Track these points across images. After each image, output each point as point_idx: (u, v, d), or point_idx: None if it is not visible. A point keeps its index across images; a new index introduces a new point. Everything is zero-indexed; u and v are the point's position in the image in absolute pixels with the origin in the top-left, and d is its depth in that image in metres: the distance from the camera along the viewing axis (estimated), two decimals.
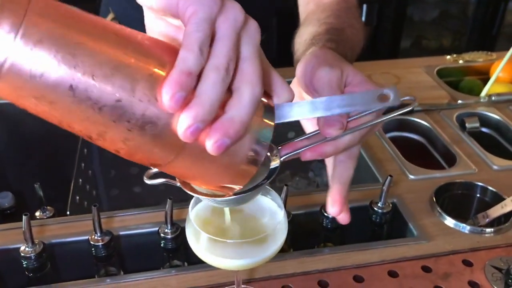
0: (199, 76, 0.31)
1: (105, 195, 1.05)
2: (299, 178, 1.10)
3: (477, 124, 0.97)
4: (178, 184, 0.41)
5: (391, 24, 2.49)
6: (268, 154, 0.43)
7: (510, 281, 0.65)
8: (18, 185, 1.05)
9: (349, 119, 0.45)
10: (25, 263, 0.66)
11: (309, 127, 0.52)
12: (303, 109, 0.41)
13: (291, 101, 0.40)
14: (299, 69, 0.51)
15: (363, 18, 2.59)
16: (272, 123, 0.38)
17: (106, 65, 0.30)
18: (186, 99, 0.31)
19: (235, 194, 0.40)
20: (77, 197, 0.86)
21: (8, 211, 0.97)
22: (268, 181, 0.42)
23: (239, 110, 0.33)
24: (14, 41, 0.27)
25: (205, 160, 0.35)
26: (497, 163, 0.87)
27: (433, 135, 0.97)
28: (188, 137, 0.31)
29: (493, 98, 1.05)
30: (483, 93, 1.08)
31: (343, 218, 0.49)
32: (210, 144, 0.32)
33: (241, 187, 0.40)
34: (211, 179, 0.39)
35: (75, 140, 0.95)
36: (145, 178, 0.44)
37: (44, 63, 0.28)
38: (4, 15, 0.26)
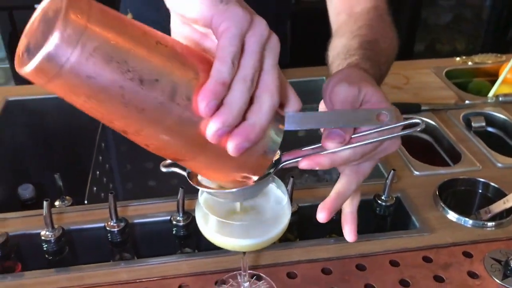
0: None
1: (121, 188, 1.09)
2: (308, 175, 1.12)
3: (483, 124, 0.99)
4: (189, 180, 0.45)
5: (405, 27, 2.51)
6: None
7: (508, 272, 0.67)
8: (39, 178, 1.10)
9: (354, 136, 0.46)
10: (45, 246, 0.70)
11: None
12: (309, 120, 0.44)
13: (299, 110, 0.43)
14: (325, 83, 0.52)
15: None
16: (282, 129, 0.42)
17: (153, 72, 0.33)
18: (218, 106, 0.35)
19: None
20: (95, 188, 0.90)
21: (29, 202, 1.02)
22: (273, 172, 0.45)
23: (260, 117, 0.37)
24: (76, 47, 0.30)
25: (223, 158, 0.39)
26: (502, 160, 0.89)
27: (439, 134, 0.99)
28: (214, 139, 0.35)
29: (500, 98, 1.07)
30: (490, 94, 1.10)
31: (350, 236, 0.52)
32: (232, 146, 0.36)
33: (254, 180, 0.43)
34: (226, 174, 0.42)
35: (93, 134, 0.99)
36: (161, 166, 0.48)
37: (99, 67, 0.31)
38: (69, 23, 0.29)
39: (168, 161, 0.48)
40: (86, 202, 0.84)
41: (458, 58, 1.28)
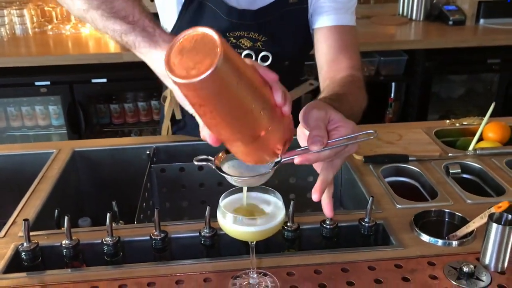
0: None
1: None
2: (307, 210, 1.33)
3: (459, 170, 1.19)
4: (214, 167, 0.69)
5: (417, 100, 2.75)
6: None
7: (461, 275, 0.85)
8: (95, 212, 1.34)
9: (329, 141, 0.71)
10: (105, 249, 0.93)
11: (303, 143, 0.78)
12: None
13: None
14: (300, 112, 0.77)
15: (392, 95, 2.87)
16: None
17: (252, 91, 0.60)
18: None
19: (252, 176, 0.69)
20: (142, 215, 1.14)
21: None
22: (274, 169, 0.71)
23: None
24: (217, 76, 0.53)
25: (260, 142, 0.65)
26: (471, 198, 1.08)
27: (423, 179, 1.20)
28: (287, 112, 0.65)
29: (477, 151, 1.28)
30: (470, 148, 1.30)
31: (328, 213, 0.75)
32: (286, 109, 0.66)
33: (274, 160, 0.70)
34: (255, 152, 0.68)
35: (141, 177, 1.24)
36: (194, 160, 0.71)
37: (216, 90, 0.56)
38: (220, 61, 0.53)
39: (200, 157, 0.71)
40: (135, 223, 1.07)
41: (448, 121, 1.50)
